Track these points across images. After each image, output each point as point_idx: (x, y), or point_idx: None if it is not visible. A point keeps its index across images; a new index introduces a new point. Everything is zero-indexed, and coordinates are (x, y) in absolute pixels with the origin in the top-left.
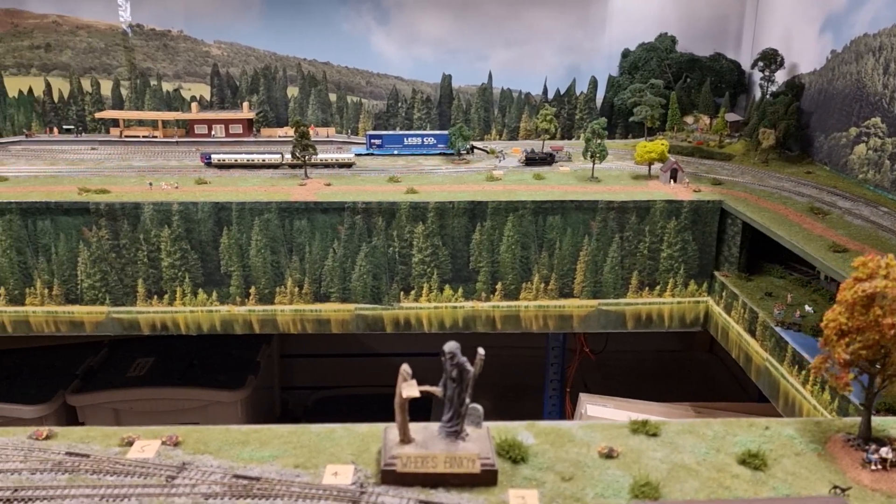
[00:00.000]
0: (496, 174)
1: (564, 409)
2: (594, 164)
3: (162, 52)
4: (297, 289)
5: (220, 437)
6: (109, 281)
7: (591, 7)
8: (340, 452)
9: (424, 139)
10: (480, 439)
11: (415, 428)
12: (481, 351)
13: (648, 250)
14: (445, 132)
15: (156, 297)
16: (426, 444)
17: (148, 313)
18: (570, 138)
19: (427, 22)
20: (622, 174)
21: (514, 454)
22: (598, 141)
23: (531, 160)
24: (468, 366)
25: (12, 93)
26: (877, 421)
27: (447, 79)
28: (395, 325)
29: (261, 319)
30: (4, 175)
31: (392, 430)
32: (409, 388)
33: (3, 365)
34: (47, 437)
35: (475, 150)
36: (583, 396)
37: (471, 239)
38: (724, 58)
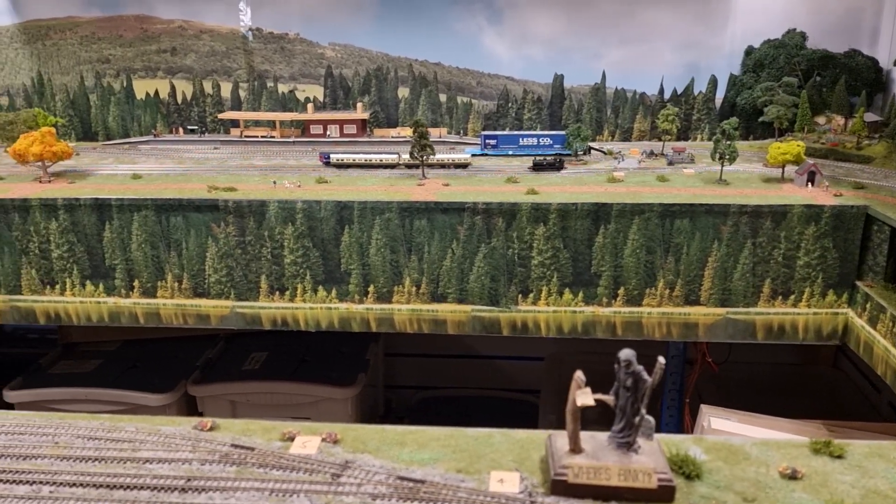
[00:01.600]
0: (617, 175)
1: (683, 421)
2: (723, 165)
3: (279, 55)
4: (414, 288)
5: (377, 436)
6: (234, 276)
7: (714, 2)
8: (501, 458)
9: (540, 139)
10: (653, 453)
11: (583, 437)
12: (661, 360)
13: (783, 257)
14: (562, 132)
15: (277, 293)
16: (597, 454)
17: (269, 309)
18: (685, 139)
19: (539, 21)
20: (751, 177)
21: (687, 470)
22: (728, 142)
23: (538, 165)
24: (645, 375)
25: (140, 95)
26: None
27: (559, 79)
28: (511, 327)
29: (378, 318)
30: (138, 172)
31: (559, 437)
32: (583, 396)
33: (129, 355)
34: (211, 429)
35: (592, 151)
36: (704, 408)
37: (593, 242)
38: (860, 54)
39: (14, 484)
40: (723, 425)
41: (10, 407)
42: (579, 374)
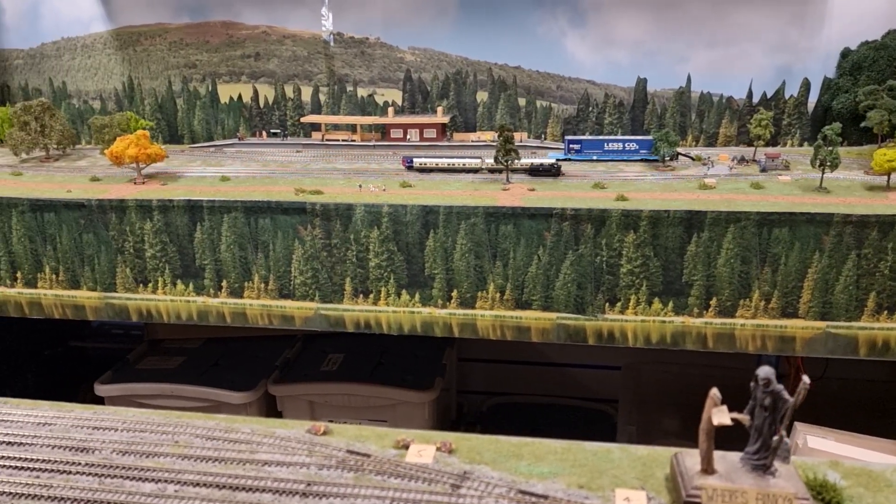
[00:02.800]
0: (708, 182)
1: None
2: (823, 173)
3: (359, 59)
4: (498, 294)
5: (491, 447)
6: (320, 278)
7: (809, 3)
8: (623, 475)
9: (626, 144)
10: (790, 477)
11: (714, 457)
12: (806, 379)
13: (890, 270)
14: (649, 138)
15: (361, 295)
16: (731, 476)
17: (353, 311)
18: (775, 145)
19: (624, 23)
20: (853, 184)
21: (827, 496)
22: (830, 148)
23: (535, 171)
24: (785, 394)
25: (223, 99)
26: None
27: (642, 82)
28: (597, 336)
29: (461, 323)
30: (226, 175)
31: (687, 456)
32: (720, 415)
33: (211, 353)
34: (324, 433)
35: (679, 157)
36: (799, 426)
37: (685, 250)
38: None
39: (140, 482)
40: (820, 444)
41: (100, 400)
42: (715, 392)
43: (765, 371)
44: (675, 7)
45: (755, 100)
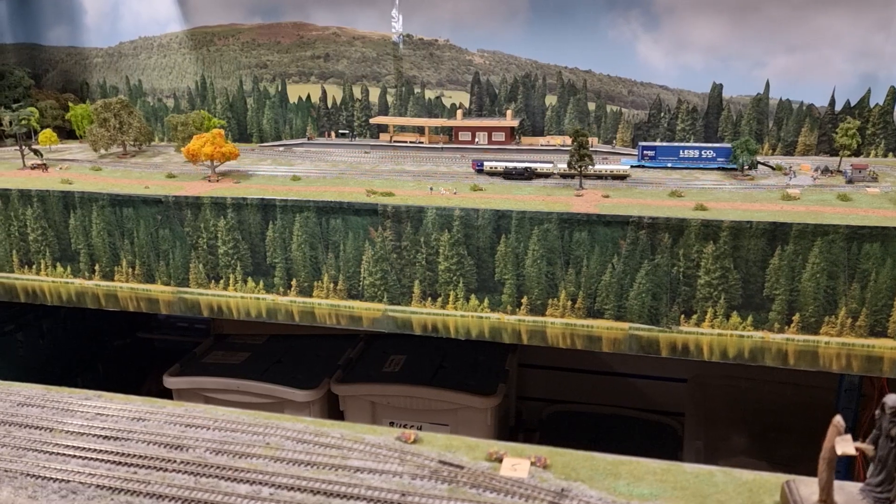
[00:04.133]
0: (792, 192)
1: (855, 461)
2: None
3: (427, 61)
4: (569, 302)
5: (586, 463)
6: (388, 280)
7: (895, 7)
8: (729, 501)
9: (703, 152)
10: None
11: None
12: None
13: None
14: (727, 145)
15: (430, 299)
16: None
17: (421, 314)
18: (858, 155)
19: (699, 27)
20: None
21: None
22: None
23: (508, 174)
24: None
25: (292, 99)
26: None
27: (717, 88)
28: (671, 349)
29: (530, 330)
30: (297, 174)
31: (802, 485)
32: (843, 444)
33: (275, 350)
34: (414, 441)
35: (758, 166)
36: None
37: (767, 263)
38: None
39: (235, 482)
40: None
41: (166, 392)
42: (839, 420)
43: (893, 399)
44: (753, 10)
45: (838, 107)
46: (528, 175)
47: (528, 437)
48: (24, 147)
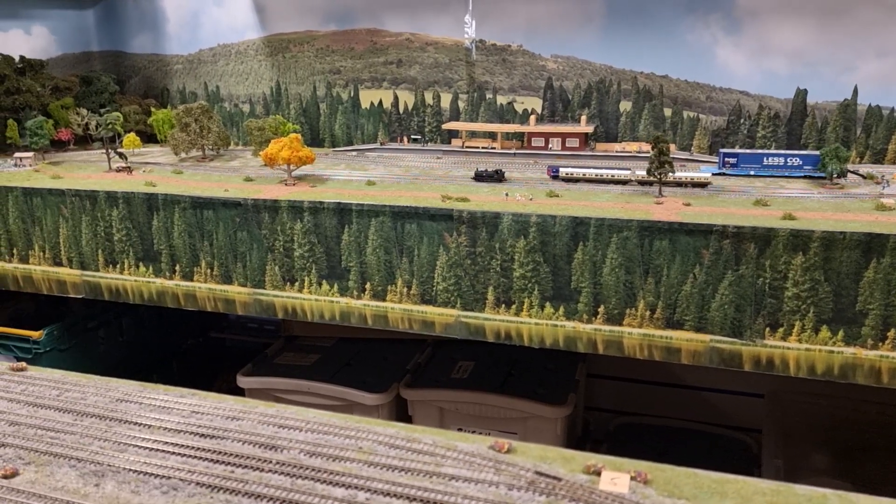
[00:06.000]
0: (887, 203)
1: None
2: None
3: (500, 67)
4: (648, 312)
5: (689, 480)
6: (462, 286)
7: None
8: None
9: (788, 159)
10: None
11: None
12: None
13: None
14: (815, 153)
15: (503, 305)
16: None
17: (494, 321)
18: None
19: (783, 31)
20: None
21: None
22: None
23: (479, 176)
24: None
25: (364, 105)
26: None
27: (801, 94)
28: (754, 363)
29: (606, 340)
30: (372, 179)
31: None
32: None
33: (344, 352)
34: (508, 451)
35: (848, 175)
36: None
37: (861, 276)
38: None
39: (331, 486)
40: None
41: (238, 391)
42: None
43: None
44: (841, 13)
45: None
46: (622, 181)
47: (594, 449)
48: (109, 150)
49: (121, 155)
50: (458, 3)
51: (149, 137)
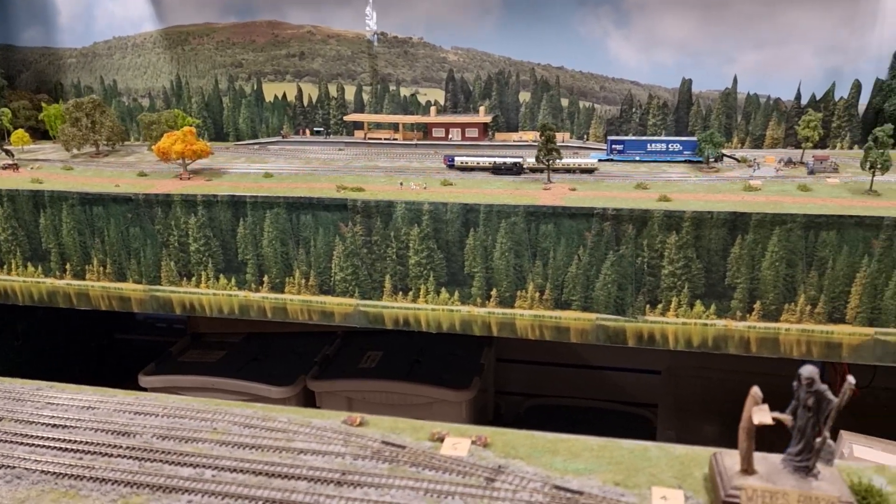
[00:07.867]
0: (754, 184)
1: None
2: (874, 175)
3: (402, 59)
4: (538, 294)
5: (527, 442)
6: (360, 275)
7: (861, 3)
8: (661, 474)
9: (670, 145)
10: (834, 480)
11: (755, 458)
12: (851, 379)
13: None
14: (693, 139)
15: (401, 293)
16: (772, 477)
17: (392, 308)
18: (824, 147)
19: (669, 24)
20: None
21: (873, 502)
22: (881, 150)
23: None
24: (829, 394)
25: (268, 98)
26: None
27: (686, 83)
28: (637, 338)
29: (500, 322)
30: (269, 171)
31: (727, 456)
32: (760, 413)
33: (251, 348)
34: (360, 424)
35: (724, 159)
36: (845, 434)
37: (728, 253)
38: None
39: (179, 466)
40: (866, 453)
41: (143, 391)
42: (756, 390)
43: (808, 370)
44: (722, 7)
45: (804, 101)
46: (516, 170)
47: None
48: None
49: (7, 152)
50: None
51: (42, 134)
